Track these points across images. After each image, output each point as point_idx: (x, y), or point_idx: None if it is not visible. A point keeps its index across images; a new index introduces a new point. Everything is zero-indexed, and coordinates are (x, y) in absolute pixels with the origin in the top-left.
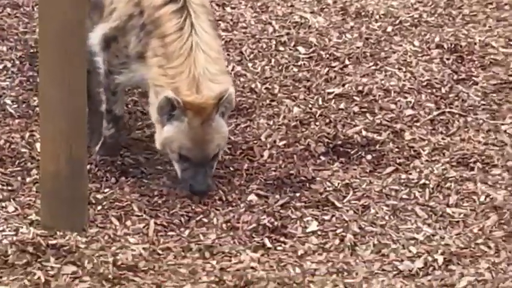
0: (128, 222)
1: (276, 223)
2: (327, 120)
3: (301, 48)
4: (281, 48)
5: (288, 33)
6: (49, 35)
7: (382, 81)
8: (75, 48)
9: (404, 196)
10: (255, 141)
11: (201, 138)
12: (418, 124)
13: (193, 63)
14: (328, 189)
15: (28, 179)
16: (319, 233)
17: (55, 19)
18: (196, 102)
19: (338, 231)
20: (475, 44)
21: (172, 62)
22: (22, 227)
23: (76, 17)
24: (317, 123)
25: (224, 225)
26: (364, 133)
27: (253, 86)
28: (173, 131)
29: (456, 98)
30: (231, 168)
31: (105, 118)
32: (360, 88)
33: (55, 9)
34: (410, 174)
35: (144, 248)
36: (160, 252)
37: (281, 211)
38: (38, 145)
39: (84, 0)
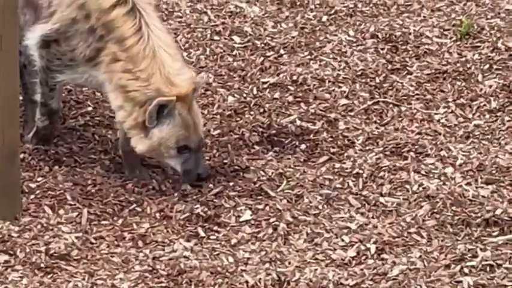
0: (61, 211)
1: (209, 212)
2: (261, 110)
3: (236, 38)
4: (216, 38)
5: (223, 23)
6: None
7: (317, 71)
8: (6, 35)
9: (338, 185)
10: None
11: (192, 123)
12: (352, 113)
13: (161, 64)
14: (261, 178)
15: None
16: (252, 222)
17: None
18: (182, 93)
19: (271, 220)
20: (410, 34)
21: (140, 65)
22: None
23: (7, 5)
24: (251, 113)
25: (157, 215)
26: (298, 122)
27: None
28: (168, 129)
29: (390, 87)
30: None
31: (40, 110)
32: (295, 78)
33: None
34: (344, 163)
35: (77, 237)
36: (93, 241)
37: (215, 200)
38: None
39: None
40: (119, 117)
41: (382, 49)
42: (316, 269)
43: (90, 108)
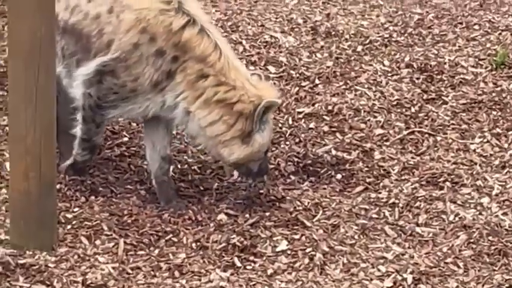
0: (98, 242)
1: (245, 242)
2: (297, 140)
3: (271, 68)
4: (251, 68)
5: (258, 53)
6: (18, 54)
7: (352, 101)
8: (44, 66)
9: (374, 215)
10: None
11: None
12: (387, 143)
13: (243, 72)
14: (297, 208)
15: None
16: (288, 252)
17: (24, 38)
18: (277, 96)
19: (307, 250)
20: (445, 63)
21: (231, 75)
22: None
23: (45, 35)
24: (287, 143)
25: (194, 245)
26: (333, 152)
27: None
28: (266, 134)
29: (426, 117)
30: (201, 188)
31: (80, 145)
32: (330, 107)
33: (24, 27)
34: (380, 193)
35: (113, 268)
36: (129, 271)
37: (251, 230)
38: (7, 164)
39: (53, 19)
40: (214, 132)
41: (418, 79)
42: None
43: (126, 139)
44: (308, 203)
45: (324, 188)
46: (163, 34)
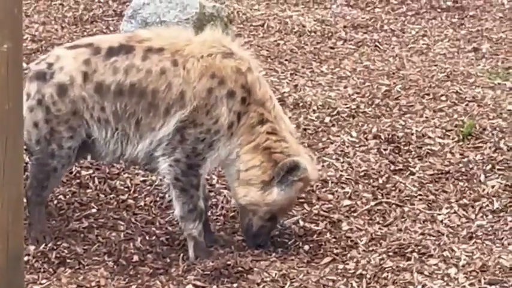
0: None
1: None
2: None
3: None
4: None
5: None
6: None
7: (320, 172)
8: (12, 140)
9: (342, 286)
10: None
11: (294, 202)
12: (355, 214)
13: (287, 124)
14: (265, 279)
15: None
16: None
17: None
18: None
19: None
20: (412, 134)
21: (281, 126)
22: None
23: (13, 109)
24: None
25: None
26: (301, 223)
27: None
28: (285, 196)
29: (393, 188)
30: (168, 260)
31: (189, 220)
32: None
33: None
34: (348, 264)
35: None
36: None
37: None
38: None
39: (20, 94)
40: (249, 176)
41: (385, 150)
42: None
43: (94, 210)
44: (276, 274)
45: (292, 259)
46: (232, 76)
